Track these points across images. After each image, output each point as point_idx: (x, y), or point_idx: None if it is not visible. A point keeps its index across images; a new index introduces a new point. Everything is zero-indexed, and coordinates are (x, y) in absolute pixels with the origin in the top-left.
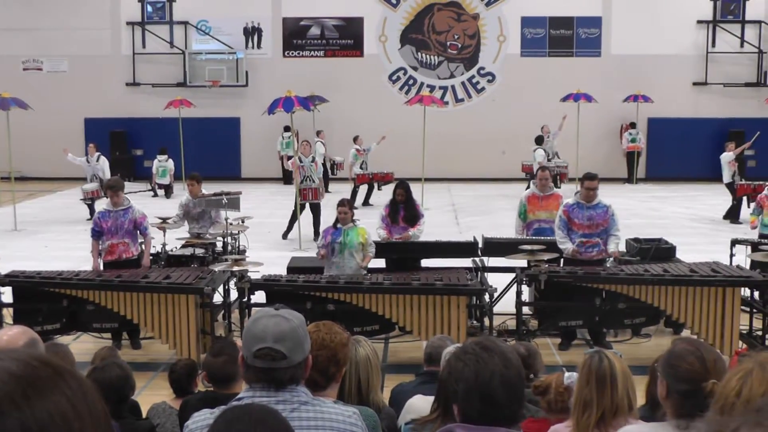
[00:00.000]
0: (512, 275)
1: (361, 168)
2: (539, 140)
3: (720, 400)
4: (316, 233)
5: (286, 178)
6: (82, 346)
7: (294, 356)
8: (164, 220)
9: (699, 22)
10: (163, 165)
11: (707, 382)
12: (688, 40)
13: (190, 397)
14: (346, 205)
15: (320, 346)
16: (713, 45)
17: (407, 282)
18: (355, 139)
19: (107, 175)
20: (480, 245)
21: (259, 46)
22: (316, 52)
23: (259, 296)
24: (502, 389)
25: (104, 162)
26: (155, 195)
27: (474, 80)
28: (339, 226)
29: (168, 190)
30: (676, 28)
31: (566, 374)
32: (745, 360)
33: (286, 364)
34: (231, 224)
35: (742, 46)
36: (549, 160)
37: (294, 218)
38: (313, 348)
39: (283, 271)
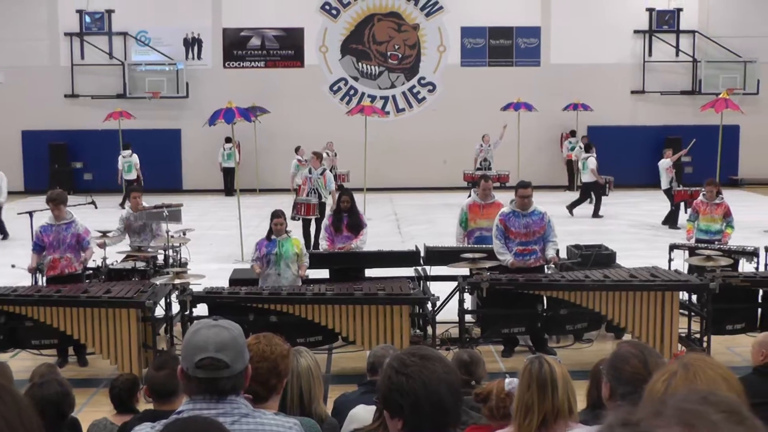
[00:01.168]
0: (454, 283)
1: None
2: (588, 148)
3: (647, 400)
4: (307, 246)
5: (228, 189)
6: (22, 364)
7: (236, 365)
8: (104, 233)
9: (636, 31)
10: (127, 161)
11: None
12: (626, 49)
13: (131, 418)
14: (281, 216)
15: (260, 358)
16: (650, 54)
17: (350, 292)
18: (297, 150)
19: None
20: (422, 254)
21: (199, 57)
22: (256, 62)
23: (201, 309)
24: (449, 395)
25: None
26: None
27: (415, 90)
28: (273, 237)
29: (137, 184)
30: (614, 38)
31: (507, 380)
32: (672, 362)
33: (228, 373)
34: (172, 237)
35: (677, 55)
36: (490, 168)
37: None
38: (253, 360)
39: (226, 284)
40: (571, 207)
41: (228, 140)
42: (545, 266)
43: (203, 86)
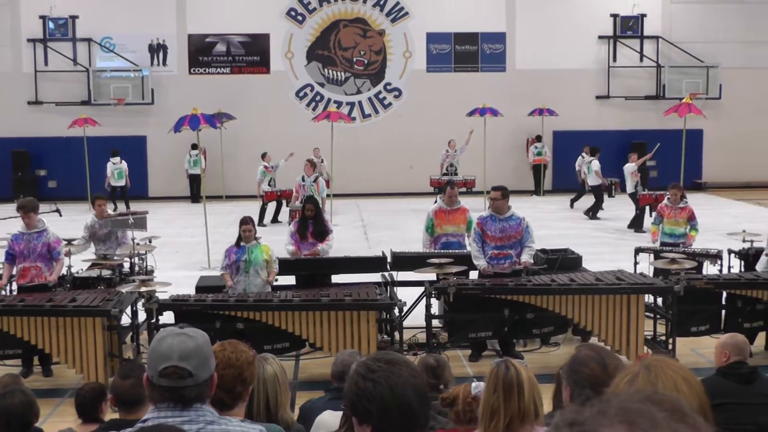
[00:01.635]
0: (421, 289)
1: (269, 185)
2: (593, 152)
3: (574, 407)
4: None
5: (194, 196)
6: None
7: (200, 374)
8: (69, 242)
9: (600, 37)
10: (118, 167)
11: (607, 387)
12: (590, 55)
13: (96, 428)
14: (250, 223)
15: (226, 365)
16: (614, 60)
17: (317, 298)
18: (263, 156)
19: None
20: (389, 260)
21: (164, 63)
22: (222, 69)
23: (168, 317)
24: (417, 398)
25: None
26: (113, 199)
27: (381, 96)
28: (242, 244)
29: (124, 191)
30: (578, 44)
31: (473, 384)
32: (634, 364)
33: (192, 382)
34: (138, 245)
35: (641, 60)
36: (456, 174)
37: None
38: (218, 367)
39: (192, 291)
40: (589, 212)
41: (194, 147)
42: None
43: (168, 93)
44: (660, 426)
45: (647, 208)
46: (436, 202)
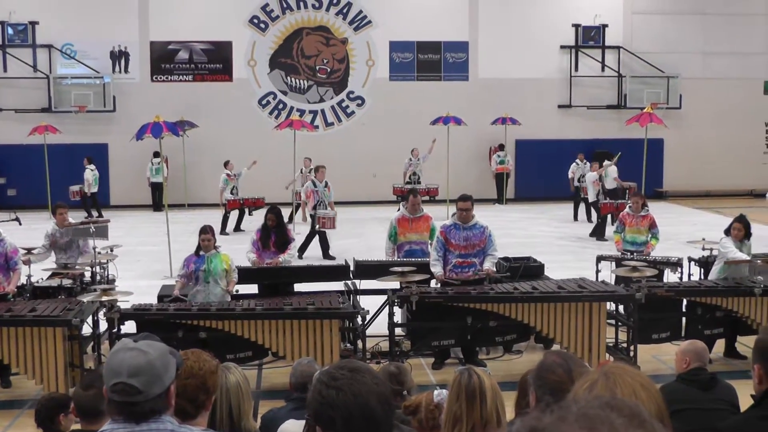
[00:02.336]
0: (384, 297)
1: (231, 193)
2: (609, 157)
3: (534, 413)
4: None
5: (156, 205)
6: None
7: (150, 390)
8: (29, 251)
9: (562, 47)
10: (95, 174)
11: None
12: (553, 64)
13: None
14: (209, 232)
15: (188, 375)
16: (576, 69)
17: (279, 307)
18: (226, 164)
19: None
20: (351, 268)
21: (126, 71)
22: (184, 76)
23: (130, 326)
24: (380, 406)
25: None
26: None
27: (344, 104)
28: (202, 253)
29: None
30: (541, 53)
31: (436, 392)
32: (593, 371)
33: (142, 398)
34: (99, 253)
35: (603, 70)
36: (419, 182)
37: (310, 239)
38: (181, 377)
39: (154, 300)
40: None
41: (156, 155)
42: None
43: (130, 100)
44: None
45: (609, 216)
46: (399, 210)
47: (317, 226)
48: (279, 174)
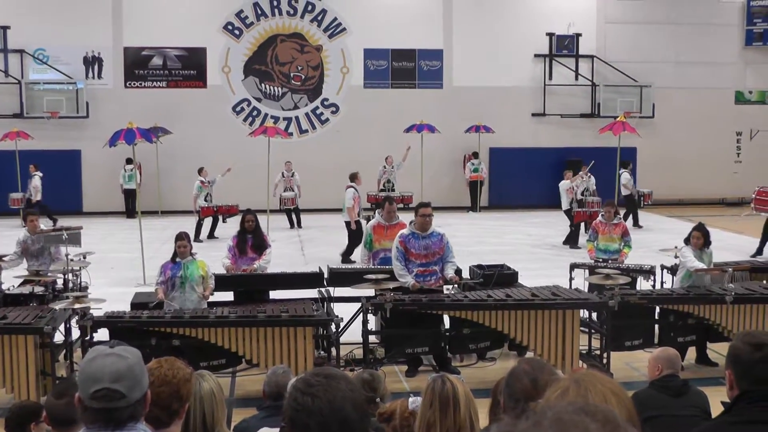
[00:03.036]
0: (358, 304)
1: (205, 200)
2: (625, 164)
3: (510, 419)
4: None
5: (129, 211)
6: None
7: (133, 394)
8: (0, 257)
9: (536, 55)
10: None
11: (536, 401)
12: (527, 73)
13: None
14: (185, 239)
15: (162, 382)
16: (550, 78)
17: (253, 315)
18: (200, 171)
19: None
20: (326, 275)
21: (99, 76)
22: (158, 82)
23: (103, 334)
24: (355, 412)
25: None
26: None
27: (318, 111)
28: (178, 260)
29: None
30: (515, 62)
31: (411, 399)
32: (564, 378)
33: (125, 403)
34: (72, 260)
35: (576, 79)
36: (393, 190)
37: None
38: (154, 384)
39: (127, 308)
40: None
41: (129, 161)
42: (445, 286)
43: (104, 106)
44: None
45: (582, 224)
46: (374, 217)
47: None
48: (253, 181)
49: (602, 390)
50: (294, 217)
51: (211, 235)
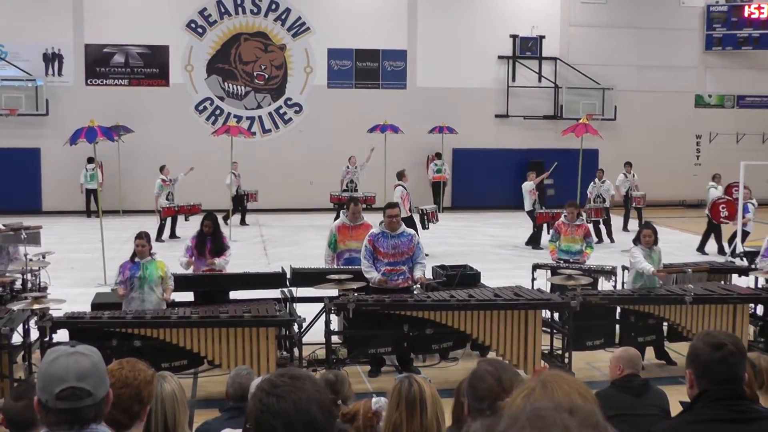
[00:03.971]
0: (321, 305)
1: (167, 200)
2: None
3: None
4: None
5: (89, 211)
6: None
7: (98, 392)
8: None
9: (500, 57)
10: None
11: (503, 401)
12: (490, 74)
13: None
14: (144, 238)
15: (123, 384)
16: (513, 80)
17: (215, 315)
18: (162, 170)
19: None
20: (288, 276)
21: (60, 74)
22: (120, 80)
23: (62, 335)
24: (321, 413)
25: None
26: None
27: (281, 111)
28: (137, 260)
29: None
30: (479, 63)
31: (374, 399)
32: (530, 379)
33: (90, 401)
34: (31, 260)
35: (540, 81)
36: (356, 190)
37: None
38: (115, 386)
39: (88, 308)
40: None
41: (90, 161)
42: (413, 286)
43: (64, 104)
44: None
45: (545, 225)
46: (338, 217)
47: (431, 222)
48: (216, 180)
49: (568, 390)
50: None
51: (172, 235)
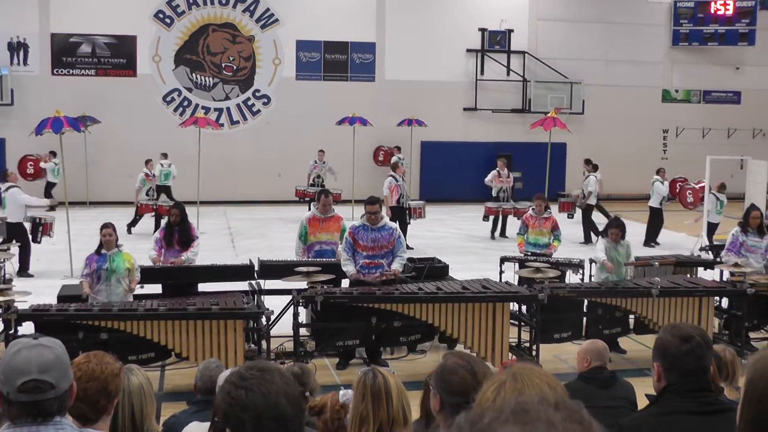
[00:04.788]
0: (289, 297)
1: (147, 195)
2: (595, 168)
3: (478, 408)
4: None
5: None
6: None
7: (61, 384)
8: None
9: (468, 50)
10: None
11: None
12: (459, 67)
13: None
14: (110, 227)
15: (90, 378)
16: (482, 73)
17: (183, 307)
18: (147, 163)
19: None
20: (256, 268)
21: (25, 63)
22: (87, 70)
23: (28, 327)
24: (290, 406)
25: None
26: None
27: (249, 102)
28: (104, 251)
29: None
30: (447, 56)
31: (341, 392)
32: (500, 372)
33: (54, 394)
34: None
35: (508, 74)
36: (323, 185)
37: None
38: (81, 380)
39: (54, 300)
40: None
41: (55, 154)
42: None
43: (30, 94)
44: (556, 427)
45: (500, 218)
46: (309, 209)
47: (412, 217)
48: (183, 172)
49: (539, 383)
50: None
51: (132, 224)
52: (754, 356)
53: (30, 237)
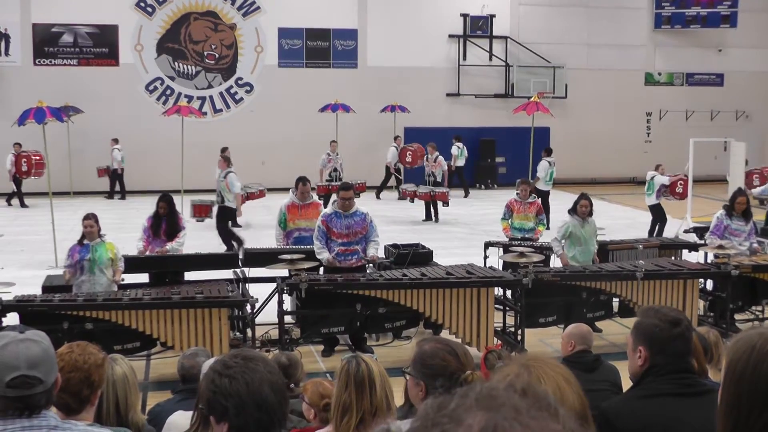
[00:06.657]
0: (273, 285)
1: None
2: (549, 152)
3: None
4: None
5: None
6: None
7: (49, 379)
8: None
9: (450, 36)
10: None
11: (465, 373)
12: (441, 53)
13: None
14: (92, 218)
15: (73, 368)
16: (464, 58)
17: (167, 296)
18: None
19: None
20: (240, 256)
21: (7, 53)
22: (69, 60)
23: (12, 318)
24: (273, 394)
25: None
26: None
27: (232, 91)
28: (86, 242)
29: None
30: (429, 42)
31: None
32: (510, 363)
33: (42, 388)
34: None
35: (490, 60)
36: (341, 179)
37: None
38: (64, 370)
39: (38, 291)
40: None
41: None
42: (367, 265)
43: (12, 84)
44: (521, 414)
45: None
46: (288, 197)
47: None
48: (167, 161)
49: (554, 376)
50: None
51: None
52: (734, 338)
53: None
